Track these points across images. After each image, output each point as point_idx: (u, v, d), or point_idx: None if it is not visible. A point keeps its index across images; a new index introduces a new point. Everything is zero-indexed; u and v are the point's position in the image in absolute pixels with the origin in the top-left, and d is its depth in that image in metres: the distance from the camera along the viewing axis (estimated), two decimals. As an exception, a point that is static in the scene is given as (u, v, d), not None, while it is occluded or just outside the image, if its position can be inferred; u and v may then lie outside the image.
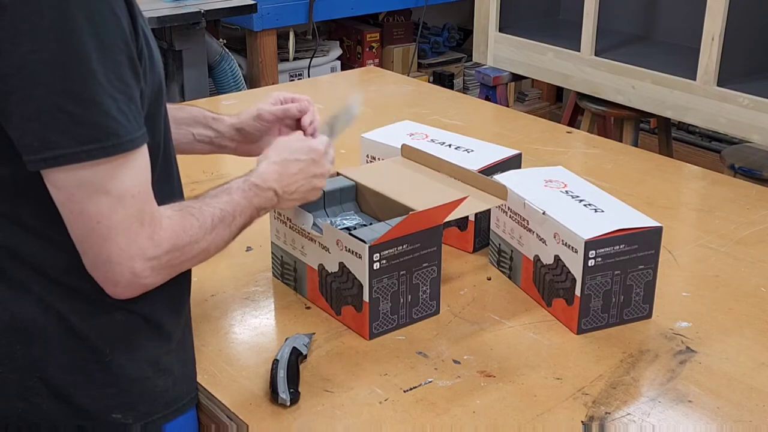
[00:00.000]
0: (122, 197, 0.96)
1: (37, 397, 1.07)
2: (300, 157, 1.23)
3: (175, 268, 1.05)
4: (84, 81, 0.92)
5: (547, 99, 4.71)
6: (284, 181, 1.21)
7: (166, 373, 1.13)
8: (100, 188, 0.95)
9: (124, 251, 0.97)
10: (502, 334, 1.33)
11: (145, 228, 0.98)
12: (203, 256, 1.09)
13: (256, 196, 1.16)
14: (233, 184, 1.15)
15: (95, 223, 0.96)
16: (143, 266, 0.99)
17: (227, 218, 1.10)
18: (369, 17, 4.43)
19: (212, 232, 1.08)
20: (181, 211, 1.05)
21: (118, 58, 0.95)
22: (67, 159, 0.93)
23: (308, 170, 1.24)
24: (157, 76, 1.06)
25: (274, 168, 1.20)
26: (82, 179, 0.94)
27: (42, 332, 1.05)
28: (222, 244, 1.11)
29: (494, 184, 1.38)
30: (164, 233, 1.01)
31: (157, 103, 1.06)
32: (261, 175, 1.18)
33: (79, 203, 0.95)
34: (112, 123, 0.94)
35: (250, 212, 1.15)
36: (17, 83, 0.91)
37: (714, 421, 1.16)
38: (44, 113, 0.91)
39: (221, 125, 1.39)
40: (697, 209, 1.87)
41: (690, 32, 2.71)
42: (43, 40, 0.90)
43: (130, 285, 1.00)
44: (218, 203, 1.10)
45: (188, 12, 3.23)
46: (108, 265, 0.98)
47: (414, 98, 2.49)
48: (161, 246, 1.00)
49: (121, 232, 0.97)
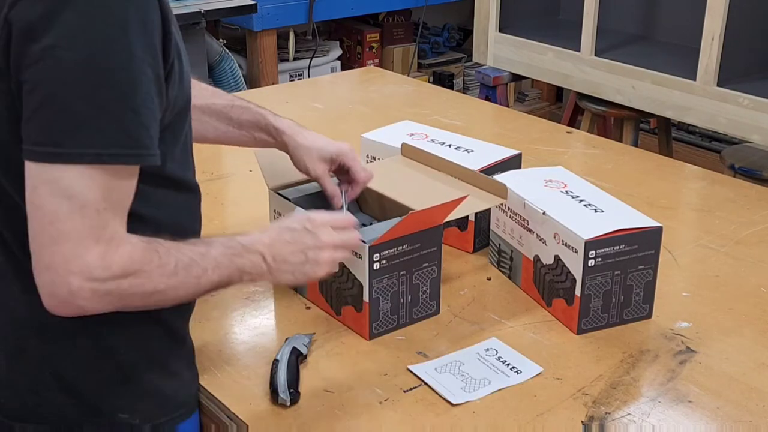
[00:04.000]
0: (85, 207, 0.92)
1: (48, 392, 1.07)
2: (293, 226, 1.15)
3: (119, 299, 0.97)
4: (98, 85, 0.91)
5: (547, 99, 4.71)
6: (275, 248, 1.11)
7: (175, 377, 1.14)
8: (65, 191, 0.92)
9: (67, 262, 0.92)
10: (502, 334, 1.33)
11: (100, 246, 0.93)
12: (157, 298, 1.00)
13: (239, 256, 1.08)
14: (218, 239, 1.09)
15: (48, 222, 0.92)
16: (82, 285, 0.93)
17: (195, 269, 1.02)
18: (369, 17, 4.43)
19: (171, 278, 1.00)
20: (148, 244, 0.99)
21: (145, 70, 0.93)
22: (62, 158, 0.91)
23: (300, 240, 1.13)
24: (186, 91, 1.04)
25: (266, 234, 1.13)
26: (49, 177, 0.91)
27: (57, 328, 1.04)
28: (183, 295, 1.03)
29: (494, 183, 1.38)
30: (118, 258, 0.95)
31: (182, 116, 1.05)
32: (251, 238, 1.11)
33: (40, 198, 0.92)
34: (116, 133, 0.92)
35: (229, 272, 1.06)
36: (31, 74, 0.91)
37: (714, 421, 1.16)
38: (50, 107, 0.91)
39: (281, 136, 1.39)
40: (697, 209, 1.87)
41: (690, 32, 2.71)
42: (68, 38, 0.90)
43: (64, 302, 0.94)
44: (190, 251, 1.03)
45: (188, 12, 3.23)
46: (46, 271, 0.93)
47: (414, 98, 2.49)
48: (109, 269, 0.94)
49: (69, 241, 0.92)
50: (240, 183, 1.89)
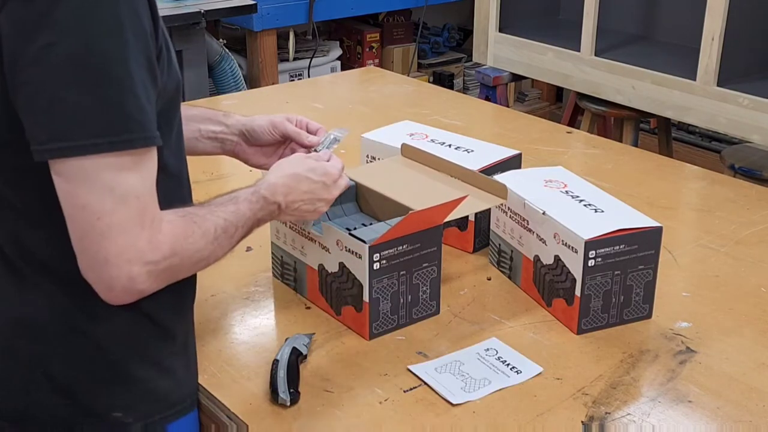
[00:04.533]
0: (126, 196, 0.95)
1: (40, 392, 1.07)
2: (313, 178, 1.22)
3: (172, 274, 1.03)
4: (101, 77, 0.92)
5: (547, 99, 4.71)
6: (291, 196, 1.20)
7: (169, 374, 1.13)
8: (104, 184, 0.93)
9: (122, 253, 0.95)
10: (502, 334, 1.33)
11: (146, 231, 0.97)
12: (202, 265, 1.08)
13: (261, 209, 1.16)
14: (241, 194, 1.14)
15: (96, 219, 0.94)
16: (140, 270, 0.97)
17: (230, 229, 1.09)
18: (369, 17, 4.43)
19: (214, 242, 1.06)
20: (184, 217, 1.04)
21: (139, 58, 0.94)
22: (73, 150, 0.92)
23: (317, 192, 1.23)
24: (175, 77, 1.06)
25: (285, 181, 1.19)
26: (88, 172, 0.93)
27: (47, 328, 1.05)
28: (222, 254, 1.10)
29: (494, 183, 1.38)
30: (164, 237, 0.99)
31: (173, 103, 1.06)
32: (270, 187, 1.17)
33: (83, 197, 0.94)
34: (125, 119, 0.93)
35: (252, 223, 1.15)
36: (33, 74, 0.92)
37: (714, 421, 1.16)
38: (57, 105, 0.91)
39: (231, 119, 1.39)
40: (697, 209, 1.87)
41: (690, 32, 2.71)
42: (64, 34, 0.90)
43: (125, 290, 0.98)
44: (223, 213, 1.09)
45: (188, 12, 3.23)
46: (104, 266, 0.96)
47: (414, 98, 2.49)
48: (160, 250, 0.98)
49: (120, 232, 0.95)
50: (240, 183, 1.86)
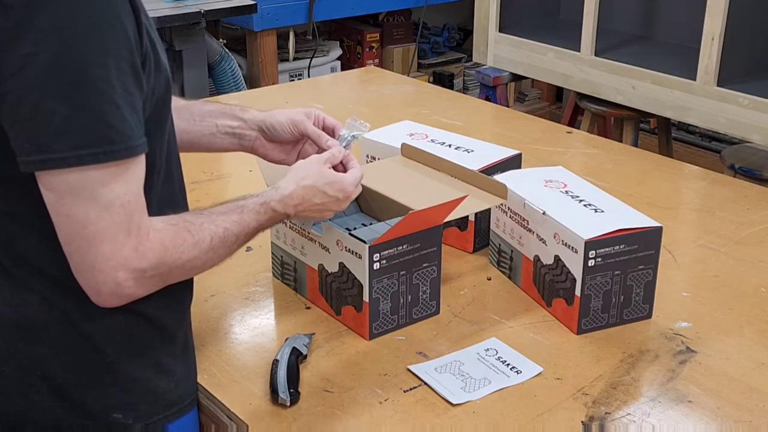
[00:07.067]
0: (110, 205, 0.95)
1: (39, 395, 1.07)
2: (329, 192, 1.21)
3: (161, 281, 1.03)
4: (82, 86, 0.92)
5: (547, 99, 4.71)
6: (302, 206, 1.19)
7: (167, 375, 1.13)
8: (89, 194, 0.94)
9: (108, 260, 0.96)
10: (502, 334, 1.33)
11: (131, 238, 0.97)
12: (195, 272, 1.08)
13: (269, 219, 1.15)
14: (248, 204, 1.13)
15: (81, 227, 0.95)
16: (126, 276, 0.98)
17: (229, 238, 1.09)
18: (369, 17, 4.43)
19: (209, 252, 1.06)
20: (177, 225, 1.03)
21: (120, 65, 0.94)
22: (57, 163, 0.92)
23: (328, 205, 1.22)
24: (164, 79, 1.05)
25: (300, 193, 1.18)
26: (72, 184, 0.94)
27: (45, 331, 1.05)
28: (218, 262, 1.09)
29: (494, 183, 1.38)
30: (151, 245, 0.99)
31: (163, 104, 1.06)
32: (283, 200, 1.16)
33: (68, 206, 0.95)
34: (107, 130, 0.93)
35: (255, 233, 1.14)
36: (15, 84, 0.91)
37: (714, 421, 1.16)
38: (39, 115, 0.91)
39: (247, 114, 1.35)
40: (697, 209, 1.87)
41: (690, 32, 2.71)
42: (43, 42, 0.90)
43: (113, 294, 0.99)
44: (225, 222, 1.08)
45: (188, 12, 3.23)
46: (91, 272, 0.97)
47: (414, 98, 2.49)
48: (146, 258, 0.99)
49: (105, 240, 0.96)
50: (240, 183, 1.88)
